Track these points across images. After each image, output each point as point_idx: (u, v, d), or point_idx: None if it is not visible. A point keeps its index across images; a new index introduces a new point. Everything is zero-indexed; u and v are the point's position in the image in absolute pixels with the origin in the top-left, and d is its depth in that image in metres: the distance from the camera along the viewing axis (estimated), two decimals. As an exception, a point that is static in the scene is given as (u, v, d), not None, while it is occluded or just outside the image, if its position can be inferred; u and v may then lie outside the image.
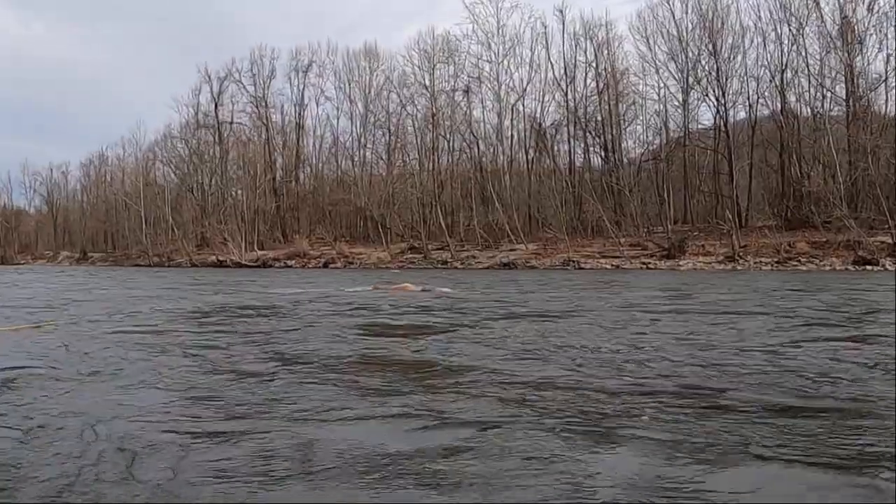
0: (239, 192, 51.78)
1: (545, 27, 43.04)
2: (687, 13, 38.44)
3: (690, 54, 38.22)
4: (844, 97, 33.92)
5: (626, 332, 5.94)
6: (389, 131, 47.52)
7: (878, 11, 32.25)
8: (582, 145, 42.75)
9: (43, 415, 3.02)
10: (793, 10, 35.10)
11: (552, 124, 43.48)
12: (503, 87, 43.43)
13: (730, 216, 31.35)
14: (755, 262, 27.60)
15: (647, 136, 42.61)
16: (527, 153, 44.24)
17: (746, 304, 9.20)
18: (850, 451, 2.37)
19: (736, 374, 3.79)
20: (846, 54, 33.17)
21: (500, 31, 43.20)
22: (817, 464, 2.26)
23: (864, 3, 32.63)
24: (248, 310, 9.16)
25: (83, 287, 16.58)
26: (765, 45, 36.42)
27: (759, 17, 36.91)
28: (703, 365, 4.13)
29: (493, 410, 3.03)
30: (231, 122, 53.48)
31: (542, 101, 43.31)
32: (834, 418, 2.84)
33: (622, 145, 41.97)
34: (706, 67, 37.90)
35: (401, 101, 46.32)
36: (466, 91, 44.10)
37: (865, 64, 33.50)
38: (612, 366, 4.14)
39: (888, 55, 32.23)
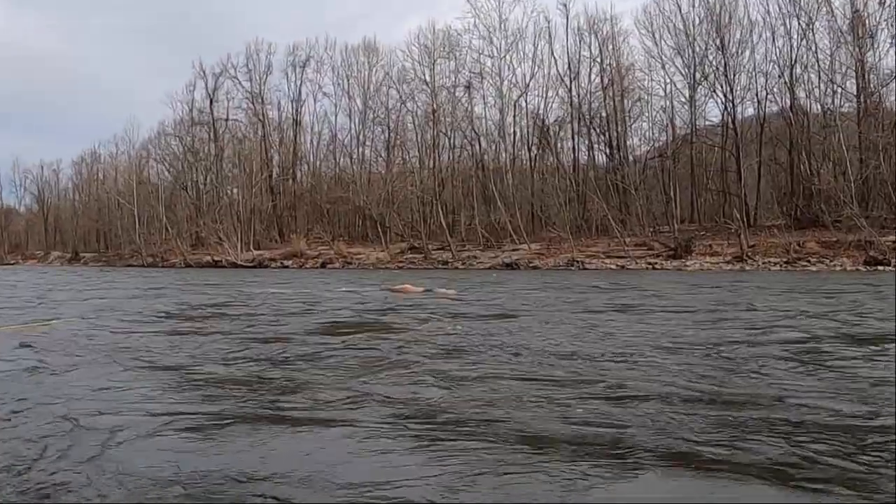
0: (234, 190, 51.98)
1: (548, 21, 43.16)
2: (694, 7, 38.58)
3: (697, 49, 38.33)
4: (855, 93, 33.95)
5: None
6: (389, 128, 47.69)
7: (889, 5, 32.32)
8: (586, 142, 42.88)
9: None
10: (802, 3, 35.16)
11: (555, 121, 43.61)
12: (505, 82, 43.59)
13: (738, 215, 31.39)
14: (763, 263, 27.63)
15: (652, 133, 42.77)
16: (530, 150, 44.35)
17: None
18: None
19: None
20: (857, 49, 33.21)
21: (503, 25, 43.35)
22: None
23: (875, -4, 32.69)
24: (238, 311, 9.21)
25: (67, 288, 16.61)
26: (774, 40, 36.55)
27: (768, 12, 36.95)
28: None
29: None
30: (226, 119, 53.58)
31: (546, 98, 43.46)
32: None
33: (627, 142, 42.09)
34: (713, 63, 38.03)
35: (400, 97, 46.51)
36: (468, 87, 44.22)
37: (877, 59, 33.60)
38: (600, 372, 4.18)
39: (900, 50, 32.28)
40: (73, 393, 3.59)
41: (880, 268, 24.17)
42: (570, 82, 41.97)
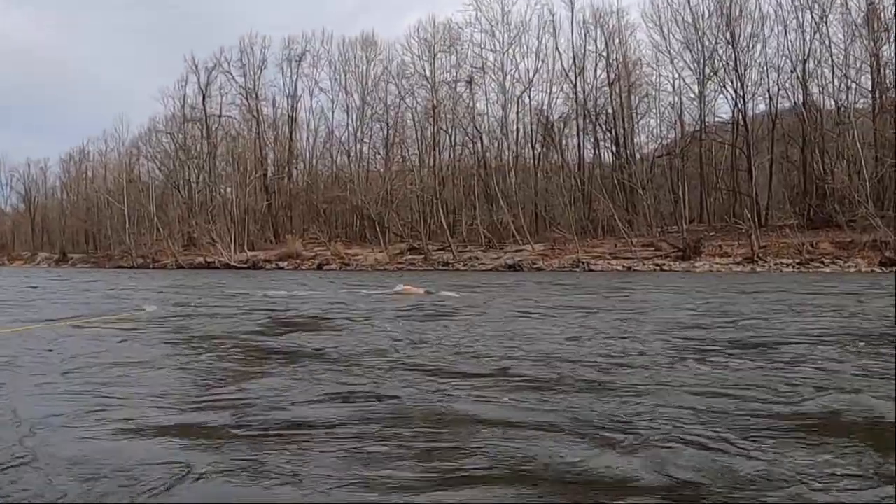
0: (228, 189, 52.08)
1: (553, 15, 43.43)
2: (703, -1, 38.62)
3: (707, 43, 38.45)
4: (870, 88, 34.07)
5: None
6: (388, 125, 47.82)
7: (906, -2, 32.36)
8: (592, 140, 43.04)
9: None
10: (815, -4, 35.25)
11: (560, 117, 43.71)
12: (508, 78, 43.73)
13: (748, 215, 31.47)
14: (775, 264, 27.72)
15: (660, 130, 42.93)
16: (533, 148, 44.47)
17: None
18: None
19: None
20: (872, 43, 33.29)
21: (505, 18, 43.58)
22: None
23: (891, -12, 32.75)
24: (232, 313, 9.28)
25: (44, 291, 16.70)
26: (786, 34, 36.70)
27: (780, 4, 37.21)
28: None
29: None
30: (220, 115, 53.79)
31: (550, 93, 43.63)
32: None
33: (634, 140, 42.28)
34: (724, 57, 38.13)
35: (400, 92, 46.68)
36: (469, 82, 44.34)
37: (892, 53, 33.62)
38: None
39: (917, 44, 32.34)
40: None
41: (896, 269, 24.24)
42: (576, 77, 42.14)
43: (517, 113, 44.27)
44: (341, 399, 3.50)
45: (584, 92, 42.06)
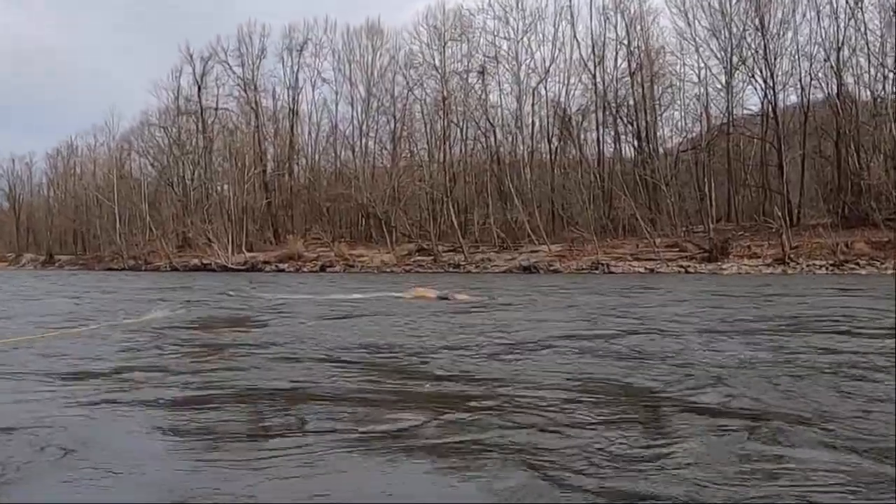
0: (225, 186, 52.49)
1: (570, 0, 43.52)
2: (731, -16, 38.74)
3: (735, 30, 38.55)
4: (909, 78, 34.12)
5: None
6: (395, 118, 48.12)
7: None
8: (612, 133, 43.27)
9: None
10: (851, -21, 35.35)
11: (578, 110, 43.96)
12: (523, 67, 44.01)
13: (779, 213, 31.68)
14: (808, 265, 27.97)
15: (685, 123, 43.07)
16: (550, 142, 44.75)
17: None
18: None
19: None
20: (911, 30, 33.39)
21: (520, 4, 43.86)
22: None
23: (931, -28, 32.90)
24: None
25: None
26: (819, 20, 36.75)
27: (813, -12, 37.14)
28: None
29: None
30: (216, 108, 54.18)
31: (567, 84, 43.86)
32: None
33: (657, 133, 42.40)
34: (752, 45, 38.25)
35: (407, 83, 46.96)
36: (481, 72, 44.60)
37: (933, 41, 33.71)
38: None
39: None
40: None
41: (936, 271, 24.48)
42: (595, 67, 42.35)
43: (532, 105, 44.64)
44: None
45: (603, 82, 42.33)
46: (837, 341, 6.22)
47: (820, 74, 37.04)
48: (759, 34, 37.65)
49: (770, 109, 37.91)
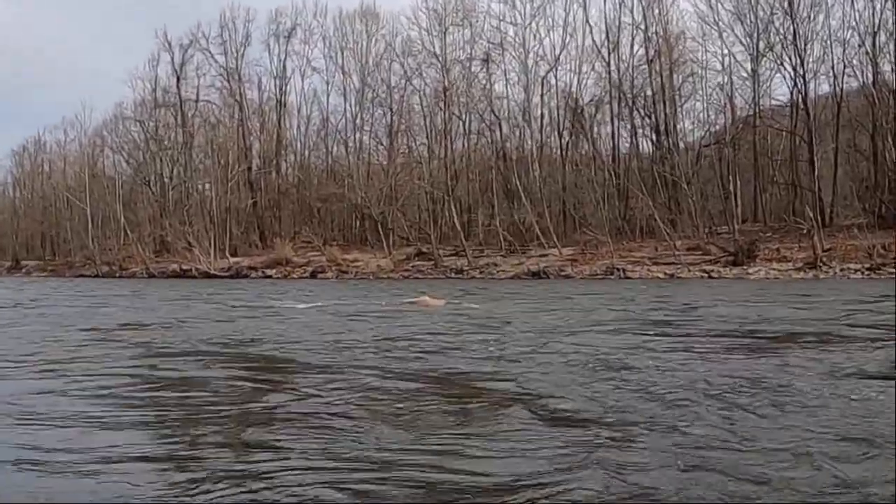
0: (206, 185, 52.60)
1: (582, -18, 43.60)
2: (757, -37, 38.85)
3: (762, 13, 38.63)
4: (952, 66, 34.22)
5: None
6: (391, 110, 48.19)
7: None
8: (628, 127, 43.31)
9: None
10: (887, -42, 35.46)
11: (591, 101, 44.05)
12: (531, 55, 44.08)
13: (810, 213, 31.74)
14: (841, 270, 28.03)
15: (707, 115, 43.06)
16: (560, 137, 44.83)
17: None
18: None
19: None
20: (954, 13, 33.51)
21: (528, -15, 43.90)
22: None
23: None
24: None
25: None
26: (853, 2, 36.78)
27: (846, -33, 37.25)
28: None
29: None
30: (196, 100, 54.32)
31: (579, 73, 43.99)
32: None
33: (677, 126, 42.46)
34: (781, 30, 38.27)
35: (405, 73, 47.02)
36: (486, 61, 44.73)
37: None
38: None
39: None
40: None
41: (981, 275, 24.55)
42: (609, 54, 42.46)
43: (541, 96, 44.69)
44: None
45: (618, 71, 42.42)
46: None
47: (854, 61, 37.19)
48: (788, 17, 37.64)
49: (800, 100, 37.96)
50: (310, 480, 3.02)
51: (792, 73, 38.10)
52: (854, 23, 36.75)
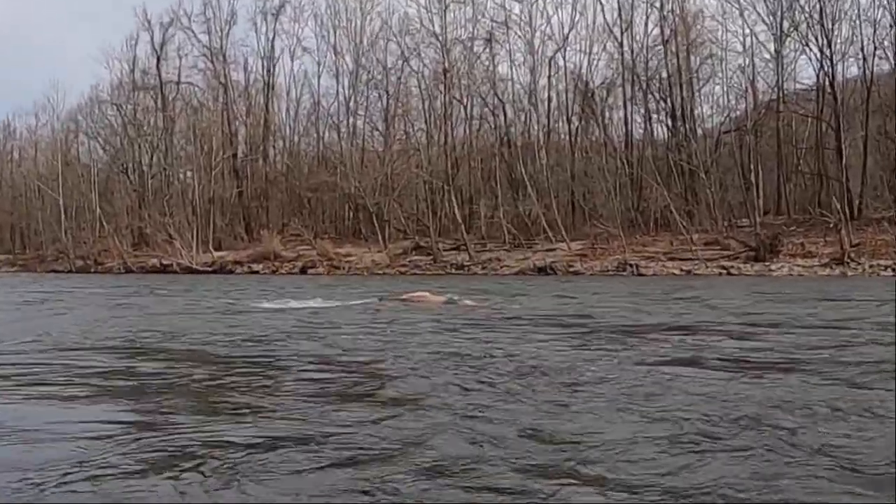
0: (188, 173, 52.62)
1: (593, -45, 43.55)
2: (781, -64, 38.77)
3: (786, -10, 38.63)
4: None
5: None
6: (387, 93, 48.22)
7: None
8: (642, 112, 43.42)
9: None
10: (921, -69, 35.42)
11: (602, 84, 44.14)
12: (538, 34, 44.19)
13: (837, 205, 31.77)
14: (871, 266, 28.04)
15: (727, 100, 43.18)
16: (569, 122, 44.90)
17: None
18: None
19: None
20: None
21: (534, -41, 43.82)
22: None
23: None
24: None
25: None
26: (884, -22, 36.80)
27: (877, -58, 37.20)
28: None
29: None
30: (178, 82, 54.43)
31: (590, 54, 44.09)
32: None
33: (695, 112, 42.56)
34: (806, 8, 38.33)
35: (402, 53, 47.06)
36: (489, 40, 44.77)
37: None
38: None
39: None
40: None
41: None
42: (621, 34, 42.55)
43: (549, 78, 44.84)
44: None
45: (632, 52, 42.44)
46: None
47: (885, 42, 37.32)
48: (815, -5, 37.73)
49: (827, 83, 37.95)
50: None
51: (818, 55, 38.19)
52: (886, 1, 36.80)
